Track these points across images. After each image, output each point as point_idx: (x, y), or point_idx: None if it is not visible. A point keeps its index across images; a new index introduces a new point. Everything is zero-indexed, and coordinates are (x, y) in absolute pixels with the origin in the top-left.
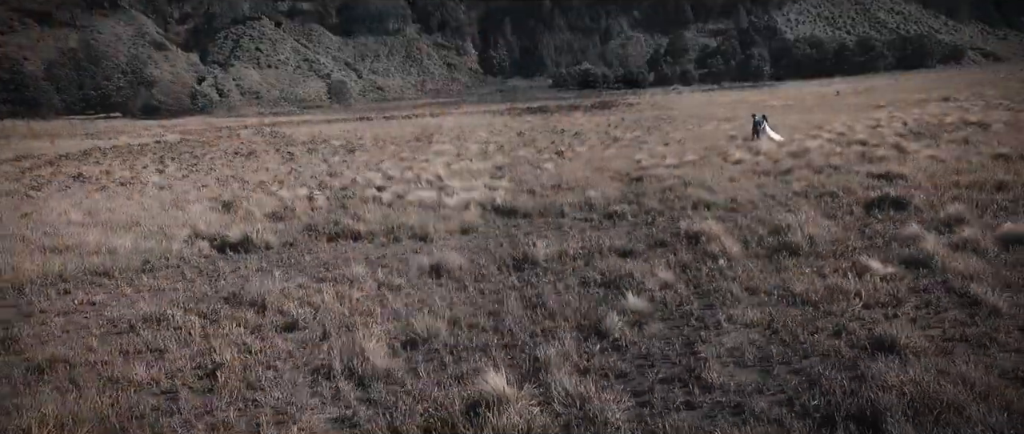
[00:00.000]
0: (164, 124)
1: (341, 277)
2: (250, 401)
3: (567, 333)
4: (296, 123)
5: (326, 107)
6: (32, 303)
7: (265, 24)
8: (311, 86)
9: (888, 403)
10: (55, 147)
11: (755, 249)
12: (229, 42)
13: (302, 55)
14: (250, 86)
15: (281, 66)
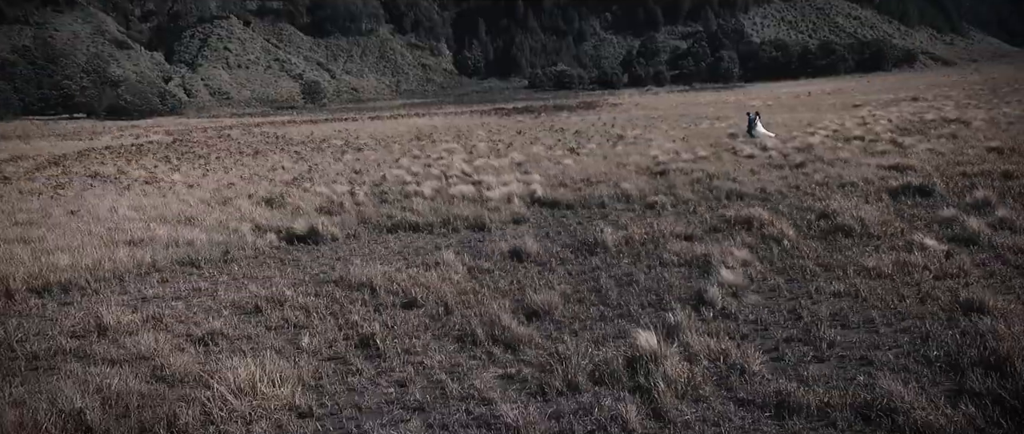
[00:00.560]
0: (137, 125)
1: (431, 262)
2: (418, 364)
3: (675, 304)
4: (281, 123)
5: (301, 107)
6: (142, 290)
7: (233, 23)
8: (283, 86)
9: (1009, 349)
10: (35, 148)
11: (810, 232)
12: (196, 41)
13: (273, 55)
14: (219, 86)
15: (251, 66)
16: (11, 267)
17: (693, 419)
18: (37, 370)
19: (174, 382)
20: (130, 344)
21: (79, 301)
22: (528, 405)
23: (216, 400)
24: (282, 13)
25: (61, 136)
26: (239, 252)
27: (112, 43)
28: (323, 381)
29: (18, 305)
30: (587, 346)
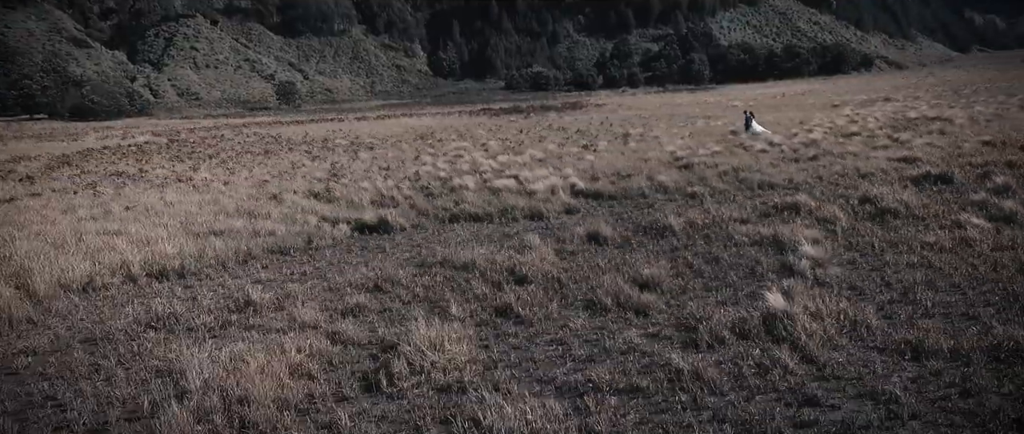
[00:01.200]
0: (112, 126)
1: (518, 246)
2: (563, 327)
3: (771, 275)
4: (265, 124)
5: (275, 108)
6: (252, 275)
7: (200, 22)
8: (254, 87)
9: None
10: (23, 150)
11: (859, 214)
12: (160, 40)
13: (242, 55)
14: (188, 87)
15: (220, 66)
16: (122, 255)
17: (842, 361)
18: (219, 337)
19: (356, 344)
20: (287, 316)
21: (199, 285)
22: (686, 354)
23: (415, 355)
24: (251, 12)
25: (36, 137)
26: (321, 241)
27: (70, 41)
28: (488, 342)
29: (153, 288)
30: (712, 309)
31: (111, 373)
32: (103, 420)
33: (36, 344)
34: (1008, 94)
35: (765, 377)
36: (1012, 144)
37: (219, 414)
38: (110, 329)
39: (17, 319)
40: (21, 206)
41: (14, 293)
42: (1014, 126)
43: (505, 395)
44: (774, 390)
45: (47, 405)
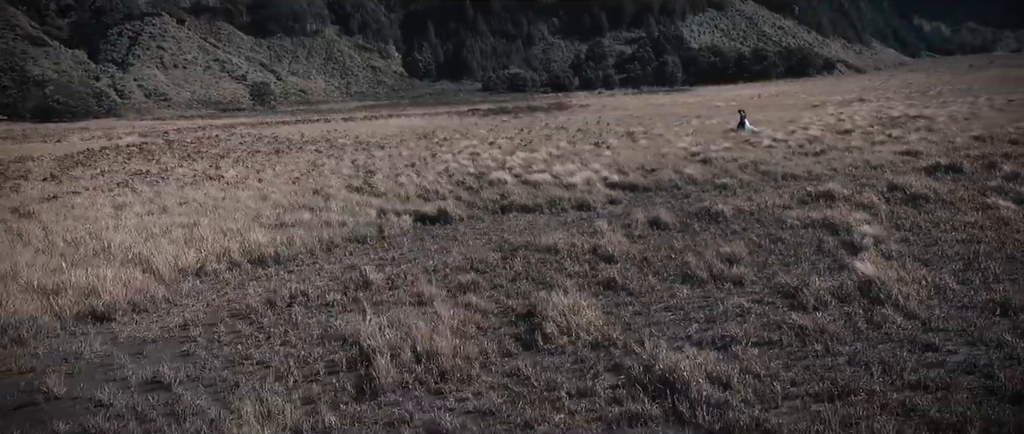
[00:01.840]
0: (87, 127)
1: (588, 230)
2: (670, 296)
3: (839, 251)
4: (252, 124)
5: (249, 109)
6: (342, 260)
7: (166, 21)
8: (225, 87)
9: None
10: (10, 151)
11: (892, 201)
12: (124, 39)
13: (212, 55)
14: (155, 87)
15: (189, 66)
16: (221, 244)
17: (942, 316)
18: (355, 310)
19: (494, 313)
20: (410, 293)
21: (301, 269)
22: (799, 314)
23: (559, 319)
24: (219, 11)
25: (13, 139)
26: (391, 230)
27: (25, 39)
28: (611, 310)
29: (259, 272)
30: (803, 278)
31: (284, 338)
32: (313, 371)
33: (191, 318)
34: (973, 95)
35: (880, 330)
36: (1000, 138)
37: (418, 366)
38: (251, 305)
39: (157, 298)
40: (69, 203)
41: (144, 276)
42: (993, 123)
43: (655, 347)
44: (893, 340)
45: (248, 363)
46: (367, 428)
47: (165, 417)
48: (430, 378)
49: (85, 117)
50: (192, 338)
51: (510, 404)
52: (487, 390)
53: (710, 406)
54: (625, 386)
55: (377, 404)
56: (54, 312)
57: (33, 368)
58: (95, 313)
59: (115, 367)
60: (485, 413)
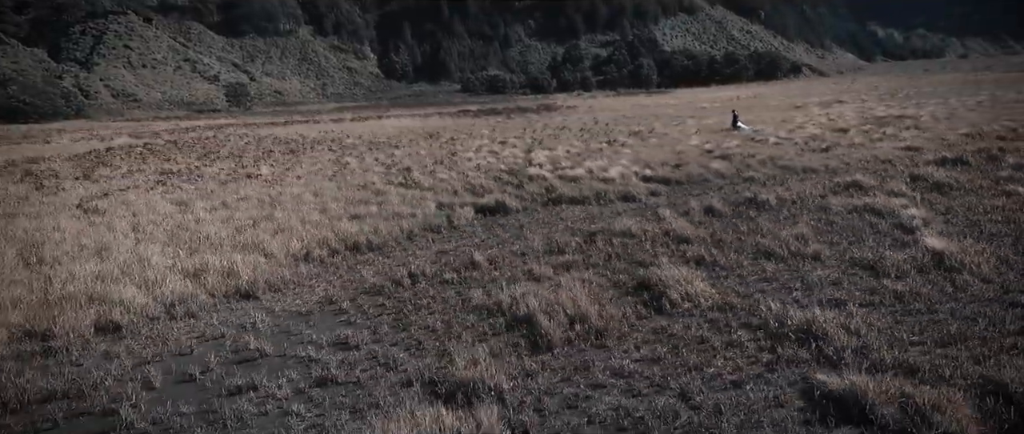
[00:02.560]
0: (64, 128)
1: (653, 217)
2: (760, 270)
3: (895, 231)
4: (241, 125)
5: (225, 110)
6: (429, 247)
7: (132, 19)
8: (197, 88)
9: None
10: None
11: (919, 189)
12: (88, 38)
13: (182, 55)
14: (123, 87)
15: (158, 66)
16: (310, 234)
17: (1013, 280)
18: (476, 286)
19: (609, 286)
20: (521, 270)
21: (396, 255)
22: (887, 281)
23: (676, 287)
24: (188, 10)
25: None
26: (459, 221)
27: None
28: (714, 281)
29: (358, 258)
30: (877, 253)
31: (432, 309)
32: (480, 332)
33: (328, 295)
34: (940, 98)
35: (966, 292)
36: (988, 135)
37: (573, 328)
38: (376, 283)
39: (285, 279)
40: (124, 200)
41: (265, 260)
42: (973, 122)
43: (777, 309)
44: (979, 300)
45: (414, 328)
46: (562, 371)
47: (379, 367)
48: (590, 336)
49: (53, 118)
50: (344, 311)
51: (672, 353)
52: (644, 344)
53: (852, 351)
54: (766, 338)
55: (554, 355)
56: (208, 291)
57: (222, 334)
58: (240, 291)
59: (295, 333)
60: (653, 360)
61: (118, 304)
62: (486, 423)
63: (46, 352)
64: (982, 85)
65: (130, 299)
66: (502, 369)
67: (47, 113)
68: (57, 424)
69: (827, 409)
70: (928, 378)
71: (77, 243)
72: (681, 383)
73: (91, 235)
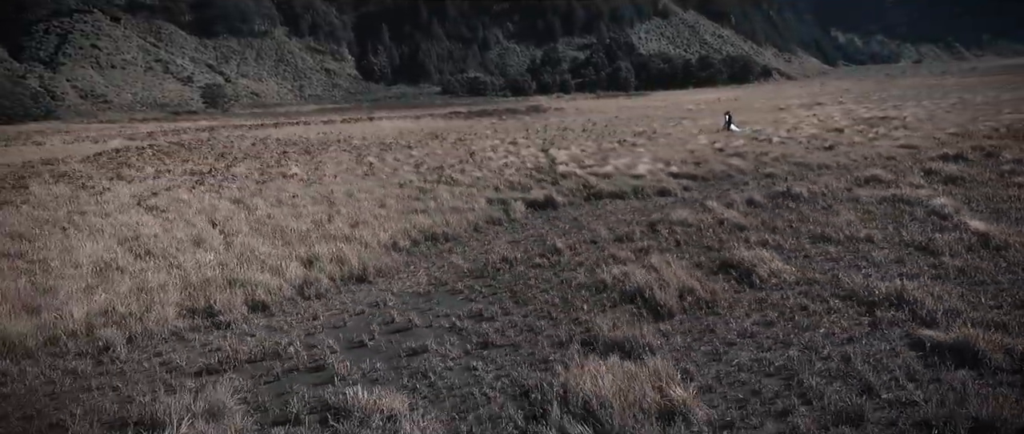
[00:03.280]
0: (43, 129)
1: (701, 208)
2: (826, 253)
3: (932, 217)
4: (233, 127)
5: (202, 112)
6: (499, 236)
7: (99, 18)
8: (170, 89)
9: None
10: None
11: (934, 181)
12: (52, 37)
13: (153, 55)
14: (92, 88)
15: (128, 67)
16: (389, 227)
17: None
18: (573, 271)
19: (689, 267)
20: (591, 256)
21: (472, 244)
22: (946, 258)
23: (761, 266)
24: (158, 10)
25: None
26: (515, 214)
27: None
28: (787, 261)
29: (438, 247)
30: (926, 235)
31: (541, 287)
32: (598, 304)
33: (436, 277)
34: (914, 100)
35: (1021, 267)
36: (975, 135)
37: (683, 298)
38: (472, 268)
39: (388, 266)
40: (177, 198)
41: (363, 249)
42: (955, 122)
43: (859, 281)
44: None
45: (536, 303)
46: (691, 333)
47: (527, 332)
48: (701, 306)
49: (23, 120)
50: (460, 291)
51: (783, 318)
52: (753, 312)
53: (943, 312)
54: (860, 305)
55: (676, 321)
56: (327, 275)
57: (363, 311)
58: (354, 276)
59: (426, 309)
60: (768, 324)
61: (257, 286)
62: (657, 367)
63: (217, 325)
64: (946, 89)
65: (266, 282)
66: (641, 331)
67: (16, 115)
68: (278, 378)
69: (941, 357)
70: (1019, 332)
71: (171, 237)
72: (802, 340)
73: (176, 230)
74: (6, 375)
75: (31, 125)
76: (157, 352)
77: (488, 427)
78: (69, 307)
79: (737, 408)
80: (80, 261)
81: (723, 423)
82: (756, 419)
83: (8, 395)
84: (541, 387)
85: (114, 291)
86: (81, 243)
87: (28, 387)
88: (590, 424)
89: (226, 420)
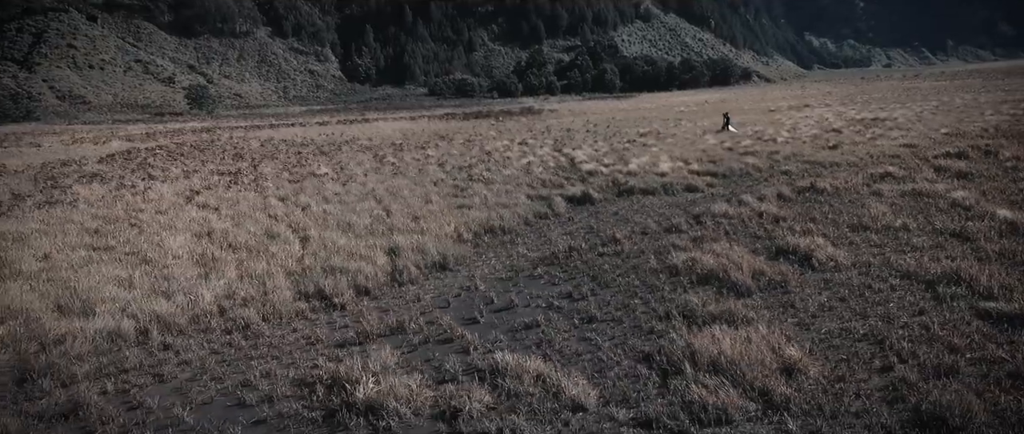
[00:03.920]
0: (29, 132)
1: (737, 202)
2: (868, 240)
3: (955, 208)
4: (222, 129)
5: (187, 113)
6: (552, 229)
7: (75, 17)
8: (151, 90)
9: None
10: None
11: (946, 176)
12: (26, 36)
13: (132, 55)
14: (70, 89)
15: (107, 67)
16: (448, 220)
17: None
18: (640, 257)
19: (756, 251)
20: (649, 244)
21: (530, 236)
22: (981, 244)
23: (819, 251)
24: (136, 9)
25: None
26: (558, 209)
27: None
28: (837, 247)
29: (501, 238)
30: (958, 224)
31: (617, 272)
32: (678, 284)
33: (510, 265)
34: (898, 103)
35: None
36: (967, 134)
37: (755, 279)
38: (543, 256)
39: (462, 256)
40: (222, 197)
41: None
42: (945, 124)
43: (912, 262)
44: None
45: (616, 285)
46: (771, 308)
47: (623, 309)
48: (774, 286)
49: (2, 121)
50: (540, 275)
51: (853, 295)
52: (822, 290)
53: (1001, 288)
54: (919, 283)
55: (756, 298)
56: (413, 264)
57: (458, 294)
58: (436, 264)
59: (515, 291)
60: (841, 299)
61: (355, 273)
62: (764, 333)
63: (333, 306)
64: (923, 92)
65: (361, 269)
66: (734, 306)
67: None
68: (416, 348)
69: (1010, 323)
70: None
71: (243, 231)
72: (878, 312)
73: (247, 225)
74: (171, 347)
75: (11, 127)
76: (293, 328)
77: (629, 383)
78: (195, 291)
79: (842, 365)
80: (178, 253)
81: (836, 376)
82: (862, 373)
83: (188, 361)
84: (662, 351)
85: (225, 278)
86: (162, 237)
87: (198, 356)
88: (723, 377)
89: (403, 377)
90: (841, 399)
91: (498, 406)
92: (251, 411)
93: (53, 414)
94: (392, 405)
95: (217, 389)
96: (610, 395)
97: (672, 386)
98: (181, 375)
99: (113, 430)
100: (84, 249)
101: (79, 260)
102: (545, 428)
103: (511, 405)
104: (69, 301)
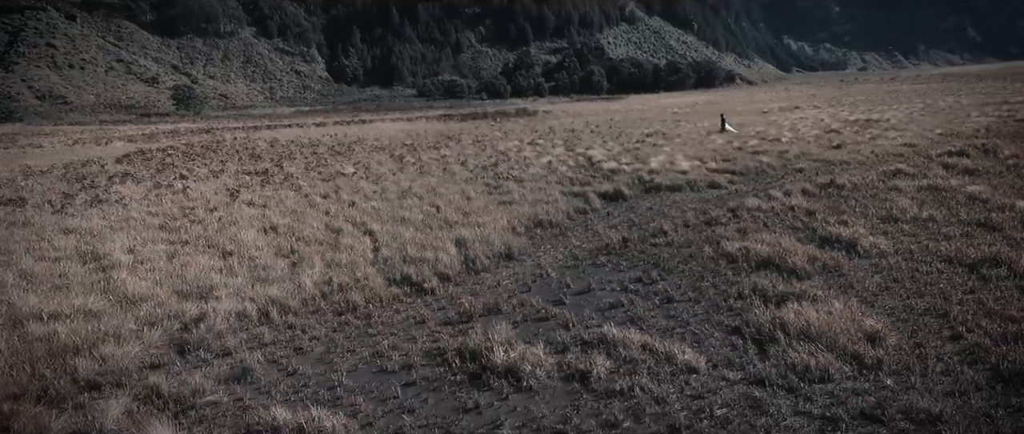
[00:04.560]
0: (22, 133)
1: (766, 197)
2: (901, 231)
3: (974, 203)
4: (219, 129)
5: (173, 114)
6: (598, 224)
7: (53, 16)
8: (134, 90)
9: None
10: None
11: (955, 172)
12: (3, 35)
13: (114, 55)
14: (50, 89)
15: (87, 66)
16: (500, 216)
17: None
18: (691, 246)
19: (810, 243)
20: (694, 235)
21: (578, 229)
22: (1009, 233)
23: (866, 243)
24: (117, 8)
25: None
26: (595, 205)
27: None
28: (877, 235)
29: (550, 232)
30: (982, 215)
31: (679, 260)
32: (742, 268)
33: (566, 255)
34: (885, 105)
35: None
36: (962, 135)
37: (810, 264)
38: (598, 246)
39: (523, 246)
40: (263, 195)
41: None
42: (938, 125)
43: (952, 248)
44: None
45: (678, 274)
46: (832, 288)
47: (695, 291)
48: (829, 270)
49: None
50: (602, 263)
51: (905, 277)
52: (874, 274)
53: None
54: (962, 267)
55: (816, 281)
56: (483, 254)
57: (535, 280)
58: (501, 254)
59: (583, 278)
60: (895, 280)
61: (434, 262)
62: (841, 307)
63: (423, 291)
64: (904, 94)
65: (438, 258)
66: (803, 285)
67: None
68: (517, 324)
69: None
70: None
71: (306, 226)
72: (932, 291)
73: (309, 220)
74: (295, 326)
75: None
76: (395, 310)
77: (729, 350)
78: (296, 279)
79: (917, 334)
80: (259, 245)
81: (914, 343)
82: (936, 341)
83: (318, 337)
84: (750, 324)
85: (313, 267)
86: (231, 232)
87: (324, 333)
88: (817, 344)
89: (526, 347)
90: (925, 361)
91: (618, 370)
92: (397, 375)
93: (228, 377)
94: (527, 368)
95: (355, 359)
96: (717, 360)
97: (771, 352)
98: (317, 349)
99: (285, 388)
100: (162, 243)
101: (164, 253)
102: (668, 387)
103: (630, 369)
104: (182, 287)
